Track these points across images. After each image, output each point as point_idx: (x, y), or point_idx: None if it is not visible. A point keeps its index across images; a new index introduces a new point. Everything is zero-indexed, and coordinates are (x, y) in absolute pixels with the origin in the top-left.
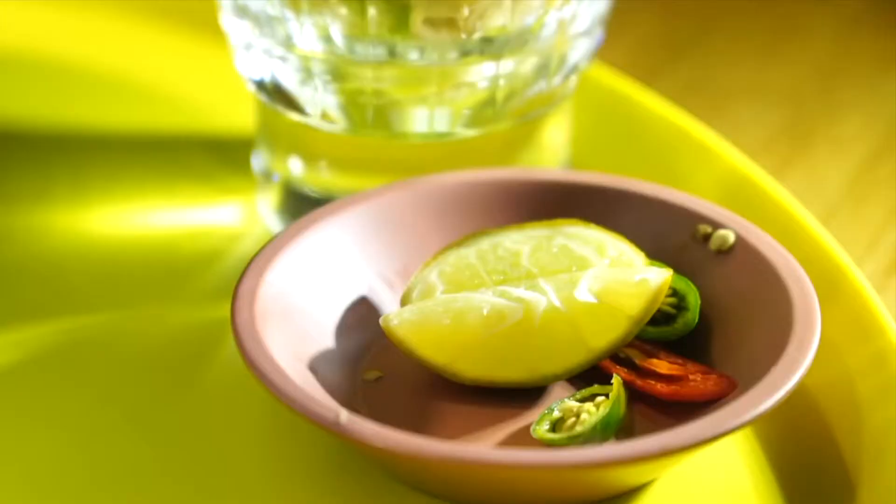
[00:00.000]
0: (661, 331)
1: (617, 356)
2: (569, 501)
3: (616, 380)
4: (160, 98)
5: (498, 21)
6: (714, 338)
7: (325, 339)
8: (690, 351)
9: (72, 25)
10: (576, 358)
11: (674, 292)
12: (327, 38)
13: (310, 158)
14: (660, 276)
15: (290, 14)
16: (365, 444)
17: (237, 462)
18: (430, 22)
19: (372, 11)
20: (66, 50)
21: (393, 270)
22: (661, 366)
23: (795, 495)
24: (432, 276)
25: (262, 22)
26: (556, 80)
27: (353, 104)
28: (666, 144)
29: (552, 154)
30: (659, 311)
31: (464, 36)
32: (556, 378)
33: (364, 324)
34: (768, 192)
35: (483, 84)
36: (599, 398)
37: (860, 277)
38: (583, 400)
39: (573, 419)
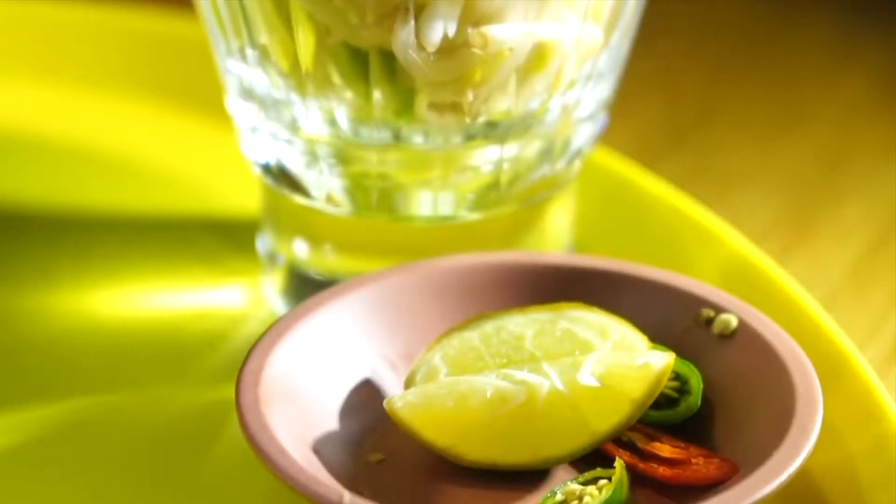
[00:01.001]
0: (663, 414)
1: (619, 439)
2: None
3: (618, 463)
4: (166, 179)
5: (502, 105)
6: (716, 421)
7: (328, 421)
8: (693, 434)
9: (78, 106)
10: (578, 441)
11: (676, 376)
12: (332, 122)
13: (315, 241)
14: (662, 360)
15: (295, 97)
16: None
17: None
18: (435, 106)
19: (377, 95)
20: (72, 130)
21: (396, 353)
22: (664, 449)
23: None
24: (436, 358)
25: (268, 105)
26: (560, 164)
27: (357, 187)
28: (669, 228)
29: (556, 238)
30: (662, 394)
31: (468, 120)
32: (558, 461)
33: (367, 406)
34: (771, 277)
35: (487, 168)
36: (602, 481)
37: (862, 362)
38: (585, 483)
39: (576, 502)
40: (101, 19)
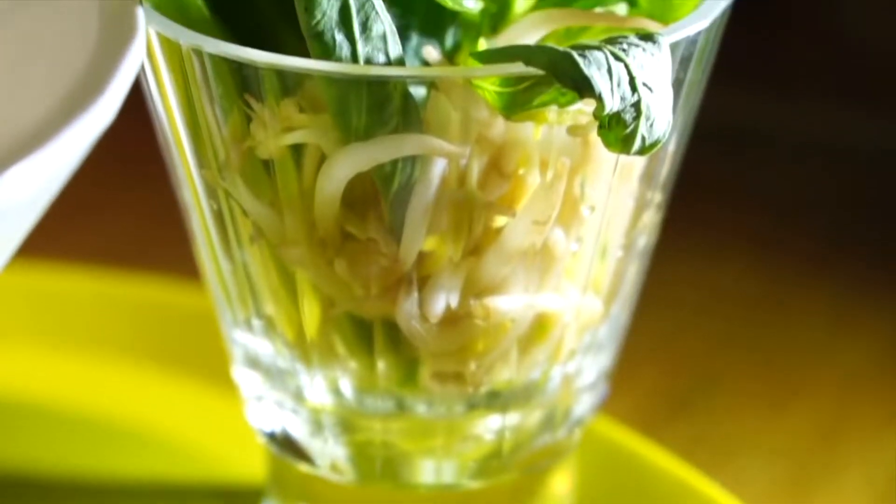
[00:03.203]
0: None
1: None
2: None
3: None
4: (170, 447)
5: (504, 375)
6: None
7: None
8: None
9: (82, 374)
10: None
11: None
12: (337, 391)
13: None
14: None
15: (300, 367)
16: None
17: None
18: (438, 376)
19: (381, 365)
20: (75, 398)
21: None
22: None
23: None
24: None
25: (273, 374)
26: (561, 432)
27: (361, 455)
28: (670, 496)
29: None
30: None
31: (471, 390)
32: None
33: None
34: None
35: (489, 436)
36: None
37: None
38: None
39: None
40: (105, 288)
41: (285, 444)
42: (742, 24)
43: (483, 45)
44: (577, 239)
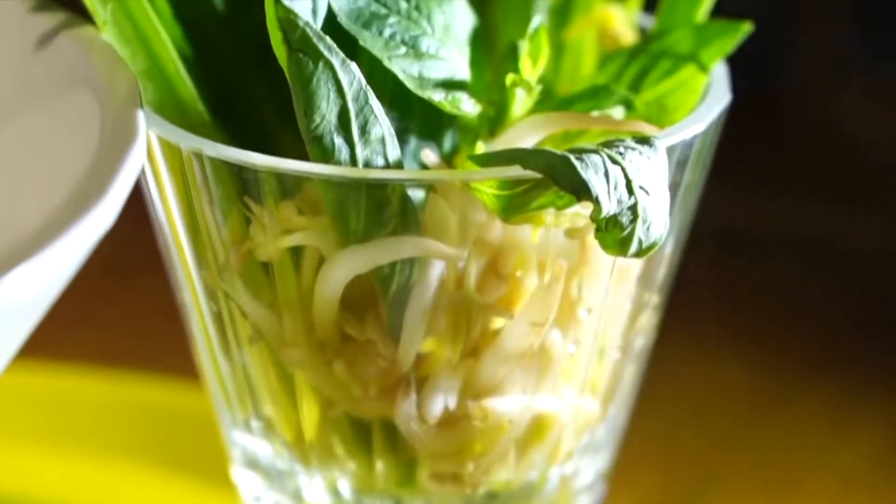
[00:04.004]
0: None
1: None
2: None
3: None
4: None
5: (502, 476)
6: None
7: None
8: None
9: (80, 475)
10: None
11: None
12: (335, 492)
13: None
14: None
15: (299, 468)
16: None
17: None
18: (437, 476)
19: (380, 466)
20: (75, 497)
21: None
22: None
23: None
24: None
25: (272, 475)
26: None
27: None
28: None
29: None
30: None
31: (469, 490)
32: None
33: None
34: None
35: None
36: None
37: None
38: None
39: None
40: (104, 389)
41: None
42: (740, 125)
43: (481, 147)
44: (575, 340)
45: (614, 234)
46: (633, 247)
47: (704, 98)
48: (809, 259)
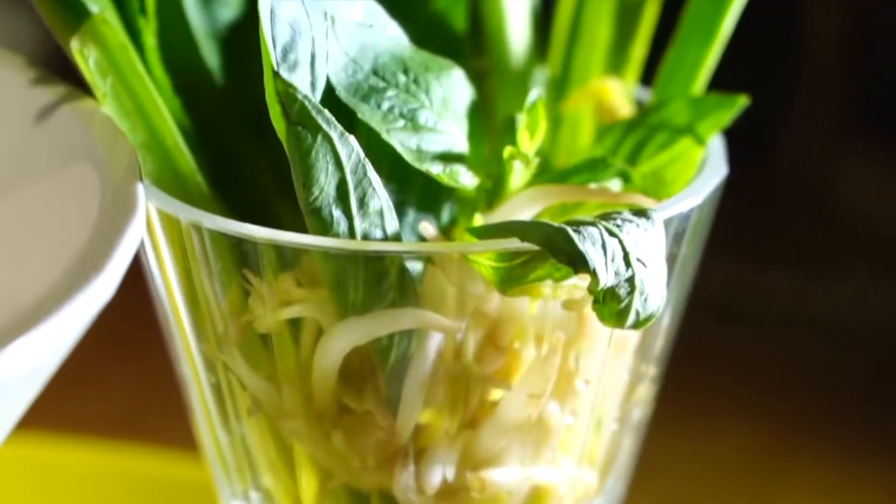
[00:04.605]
0: None
1: None
2: None
3: None
4: None
5: None
6: None
7: None
8: None
9: None
10: None
11: None
12: None
13: None
14: None
15: None
16: None
17: None
18: None
19: None
20: None
21: None
22: None
23: None
24: None
25: None
26: None
27: None
28: None
29: None
30: None
31: None
32: None
33: None
34: None
35: None
36: None
37: None
38: None
39: None
40: (104, 460)
41: None
42: (741, 196)
43: (479, 220)
44: (572, 412)
45: (612, 306)
46: (631, 319)
47: (701, 170)
48: (809, 331)
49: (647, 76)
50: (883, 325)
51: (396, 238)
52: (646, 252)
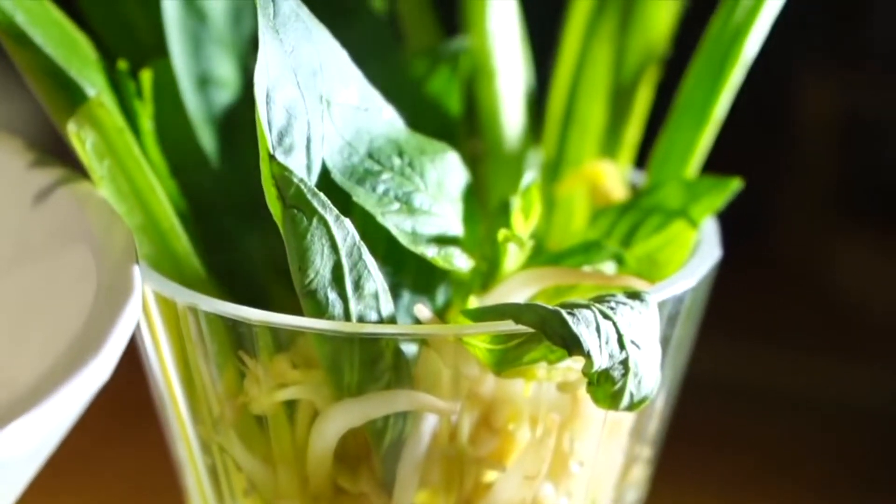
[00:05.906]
0: None
1: None
2: None
3: None
4: None
5: None
6: None
7: None
8: None
9: None
10: None
11: None
12: None
13: None
14: None
15: None
16: None
17: None
18: None
19: None
20: None
21: None
22: None
23: None
24: None
25: None
26: None
27: None
28: None
29: None
30: None
31: None
32: None
33: None
34: None
35: None
36: None
37: None
38: None
39: None
40: None
41: None
42: (737, 276)
43: (473, 302)
44: (567, 494)
45: (606, 388)
46: (625, 401)
47: (695, 253)
48: (807, 412)
49: (641, 159)
50: (883, 408)
51: (391, 320)
52: (640, 334)
